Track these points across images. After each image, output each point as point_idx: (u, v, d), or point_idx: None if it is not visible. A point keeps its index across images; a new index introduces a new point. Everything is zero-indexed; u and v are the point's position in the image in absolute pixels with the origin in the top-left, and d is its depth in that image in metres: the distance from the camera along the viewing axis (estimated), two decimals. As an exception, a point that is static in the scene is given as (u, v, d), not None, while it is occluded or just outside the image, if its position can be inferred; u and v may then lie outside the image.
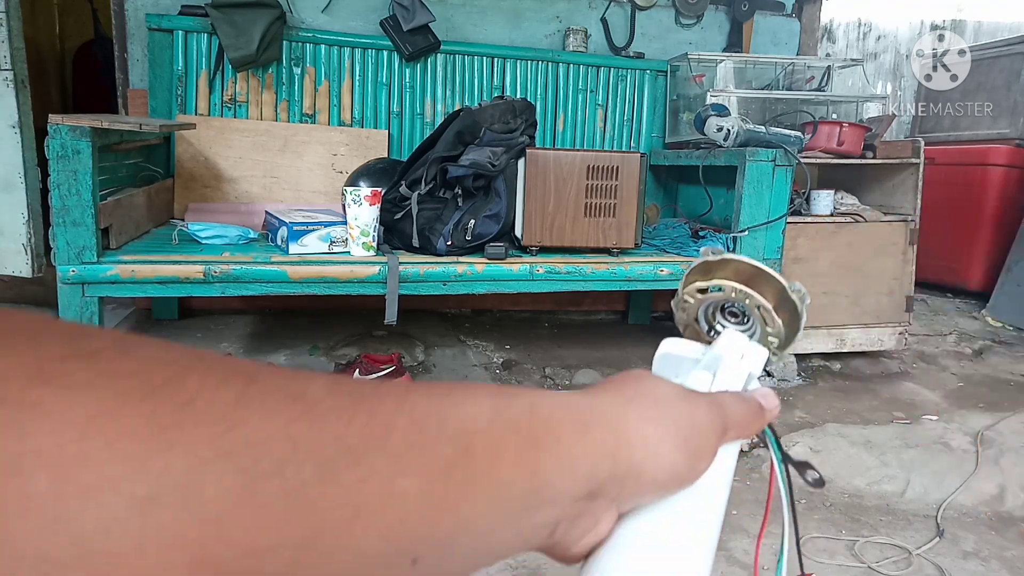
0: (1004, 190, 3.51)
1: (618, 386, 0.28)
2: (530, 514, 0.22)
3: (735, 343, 0.35)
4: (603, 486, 0.25)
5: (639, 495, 0.27)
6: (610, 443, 0.25)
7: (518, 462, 0.22)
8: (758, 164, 2.07)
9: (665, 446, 0.26)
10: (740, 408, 0.31)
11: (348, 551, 0.17)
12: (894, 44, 5.20)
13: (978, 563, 1.46)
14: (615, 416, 0.26)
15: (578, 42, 2.81)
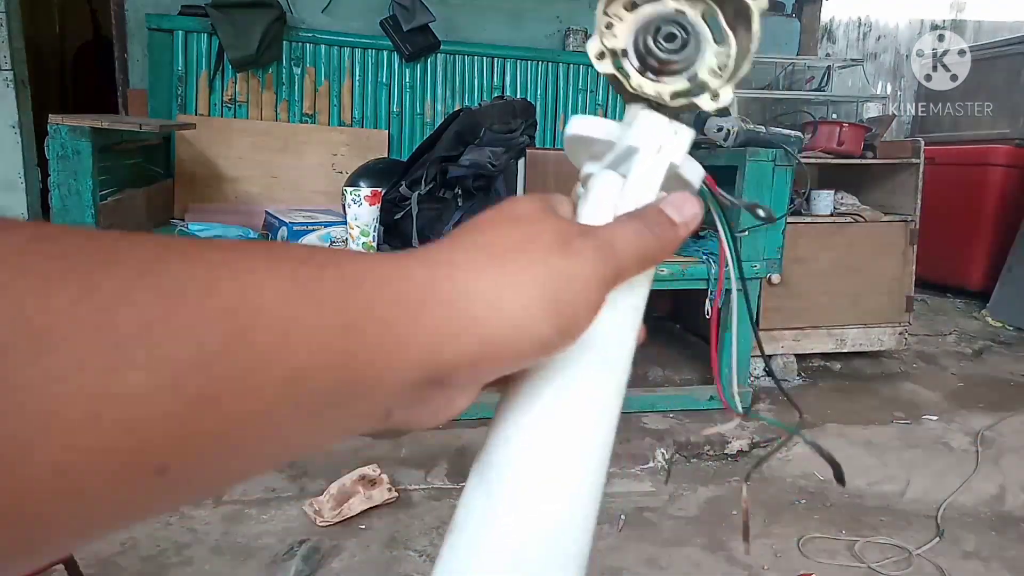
0: (1004, 190, 3.51)
1: (478, 235, 0.24)
2: (341, 407, 0.19)
3: (653, 129, 0.29)
4: (448, 370, 0.21)
5: (500, 370, 0.23)
6: (453, 321, 0.21)
7: (321, 349, 0.18)
8: (758, 164, 2.07)
9: (528, 314, 0.22)
10: (640, 240, 0.26)
11: (37, 467, 0.13)
12: (894, 44, 5.20)
13: (978, 563, 1.46)
14: (462, 286, 0.22)
15: (578, 42, 2.81)
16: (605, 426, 0.27)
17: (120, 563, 1.32)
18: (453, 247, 0.23)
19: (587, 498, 0.27)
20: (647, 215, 0.27)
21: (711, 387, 2.20)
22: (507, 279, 0.22)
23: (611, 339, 0.27)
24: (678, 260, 2.10)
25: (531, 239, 0.24)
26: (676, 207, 0.28)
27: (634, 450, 1.86)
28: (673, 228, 0.27)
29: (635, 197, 0.28)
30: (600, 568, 1.38)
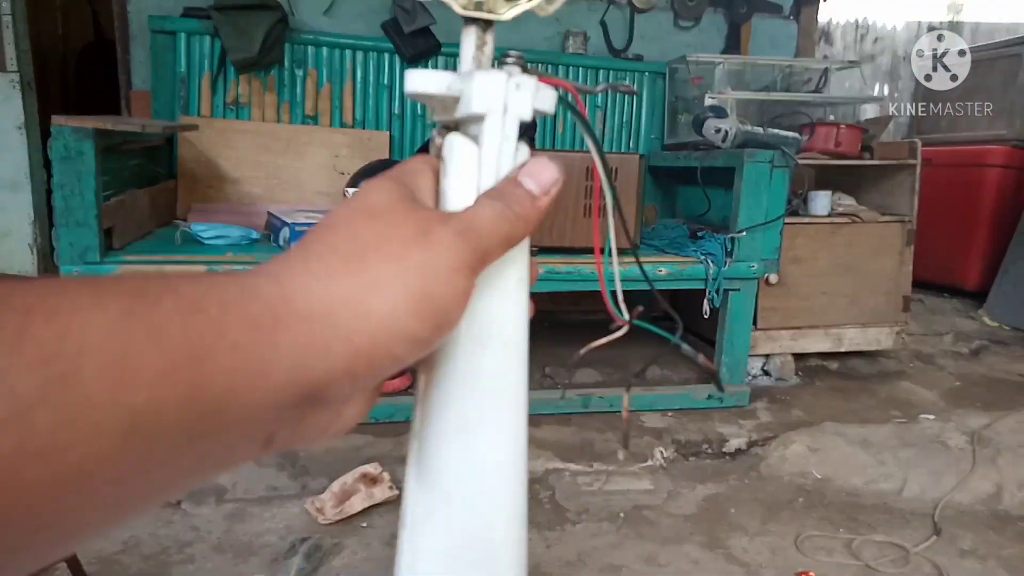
0: (1001, 191, 3.53)
1: (331, 237, 0.23)
2: (205, 441, 0.18)
3: (491, 90, 0.26)
4: (322, 387, 0.20)
5: (381, 376, 0.23)
6: (317, 336, 0.20)
7: (164, 384, 0.17)
8: (756, 165, 2.09)
9: (397, 315, 0.22)
10: (502, 221, 0.25)
11: None
12: (891, 46, 5.22)
13: (975, 561, 1.47)
14: (320, 296, 0.21)
15: (577, 44, 2.82)
16: (515, 404, 0.27)
17: (123, 561, 1.33)
18: (306, 255, 0.22)
19: (512, 480, 0.27)
20: (507, 193, 0.26)
21: (710, 386, 2.21)
22: (369, 281, 0.21)
23: (501, 319, 0.27)
24: (676, 260, 2.11)
25: (388, 235, 0.23)
26: (534, 177, 0.26)
27: (633, 448, 1.87)
28: (533, 202, 0.26)
29: (494, 168, 0.27)
30: (599, 566, 1.39)
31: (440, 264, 0.23)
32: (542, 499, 1.63)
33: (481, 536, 0.27)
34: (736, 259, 2.10)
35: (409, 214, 0.24)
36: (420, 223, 0.23)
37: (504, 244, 0.25)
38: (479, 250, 0.24)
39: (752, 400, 2.20)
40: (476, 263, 0.24)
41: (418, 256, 0.22)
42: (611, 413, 2.04)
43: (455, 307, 0.23)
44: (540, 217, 0.26)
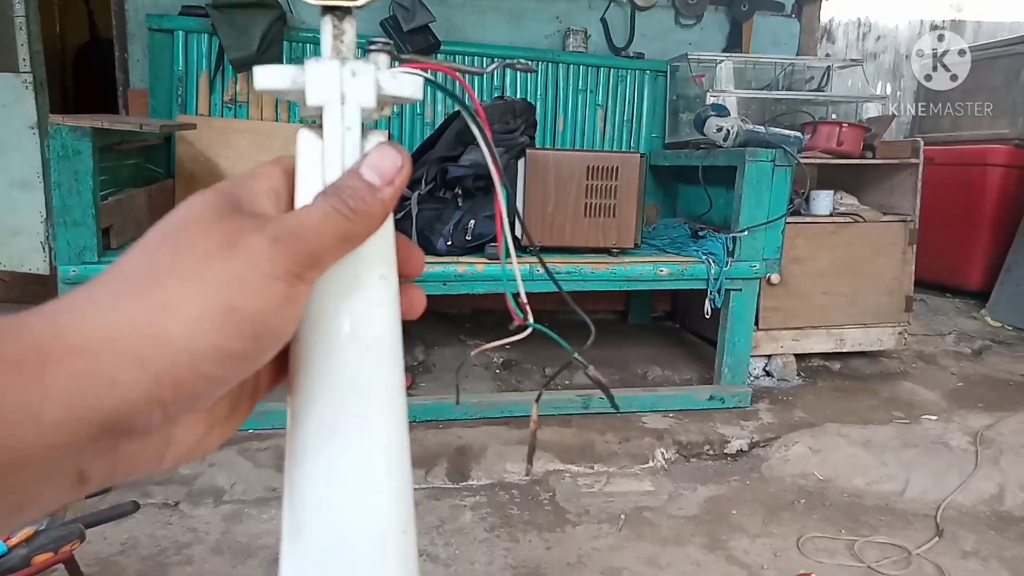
0: (1003, 190, 3.52)
1: (125, 262, 0.22)
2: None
3: (325, 80, 0.25)
4: (119, 418, 0.19)
5: (203, 395, 0.21)
6: (101, 367, 0.19)
7: None
8: (758, 164, 2.07)
9: (199, 333, 0.20)
10: (332, 220, 0.23)
11: None
12: (894, 44, 5.20)
13: (977, 562, 1.47)
14: (102, 326, 0.20)
15: (578, 42, 2.81)
16: (385, 409, 0.26)
17: (120, 562, 1.32)
18: (93, 285, 0.21)
19: (384, 492, 0.26)
20: (343, 187, 0.24)
21: (711, 387, 2.20)
22: (160, 302, 0.20)
23: (361, 319, 0.25)
24: (677, 260, 2.10)
25: (187, 250, 0.21)
26: (374, 167, 0.25)
27: (633, 450, 1.86)
28: (373, 194, 0.24)
29: (338, 161, 0.26)
30: (600, 567, 1.38)
31: (249, 274, 0.21)
32: (542, 500, 1.62)
33: (353, 551, 0.25)
34: (737, 259, 2.09)
35: (215, 225, 0.22)
36: (227, 233, 0.22)
37: (342, 243, 0.24)
38: (303, 253, 0.22)
39: (754, 401, 2.19)
40: (301, 268, 0.22)
41: (220, 268, 0.21)
42: (612, 414, 2.03)
43: (274, 316, 0.22)
44: (385, 209, 0.25)
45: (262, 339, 0.22)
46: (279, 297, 0.22)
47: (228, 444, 1.73)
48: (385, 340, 0.26)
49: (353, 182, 0.25)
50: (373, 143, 0.26)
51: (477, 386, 2.23)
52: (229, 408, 0.26)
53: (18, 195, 2.61)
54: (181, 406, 0.21)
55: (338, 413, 0.25)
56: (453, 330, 2.71)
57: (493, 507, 1.57)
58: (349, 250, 0.24)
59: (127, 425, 0.20)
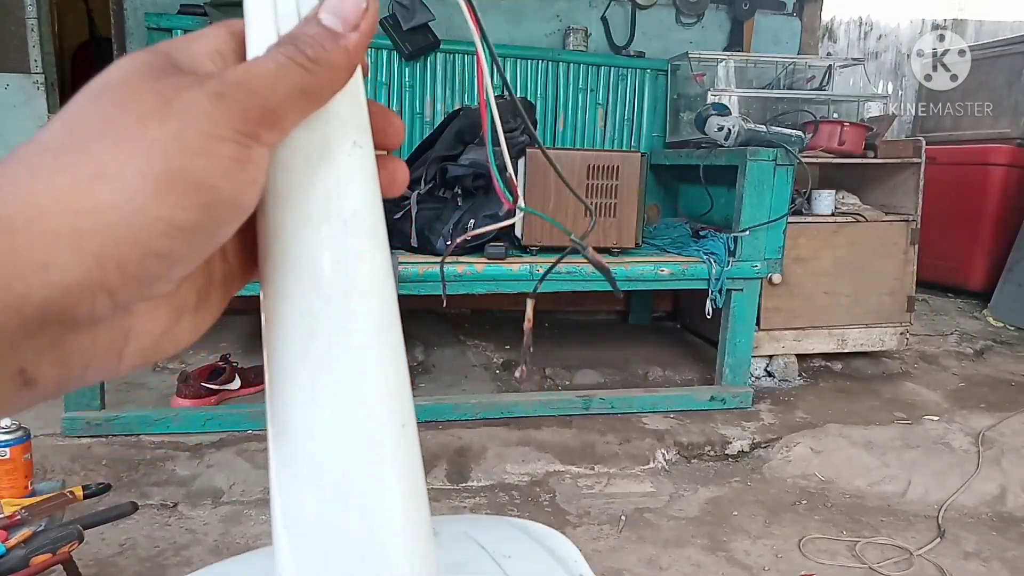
0: (1005, 190, 3.51)
1: (44, 134, 0.19)
2: None
3: None
4: (58, 307, 0.17)
5: (151, 277, 0.19)
6: (27, 250, 0.17)
7: None
8: (759, 164, 2.07)
9: (139, 201, 0.18)
10: (287, 71, 0.21)
11: None
12: (895, 43, 5.19)
13: (979, 564, 1.46)
14: (25, 203, 0.17)
15: (578, 41, 2.80)
16: (376, 304, 0.23)
17: (119, 563, 1.32)
18: (10, 159, 0.18)
19: (387, 413, 0.23)
20: (300, 36, 0.21)
21: (712, 387, 2.19)
22: (91, 171, 0.18)
23: (335, 192, 0.22)
24: (678, 260, 2.09)
25: (118, 113, 0.19)
26: (334, 11, 0.22)
27: (634, 451, 1.86)
28: (335, 40, 0.21)
29: (291, 7, 0.23)
30: (600, 569, 1.38)
31: (190, 133, 0.19)
32: (543, 501, 1.61)
33: (348, 454, 0.22)
34: (739, 259, 2.08)
35: (149, 83, 0.19)
36: (162, 92, 0.19)
37: (302, 99, 0.21)
38: (253, 109, 0.20)
39: (755, 401, 2.18)
40: (252, 125, 0.20)
41: (157, 130, 0.18)
42: (612, 415, 2.03)
43: (226, 179, 0.19)
44: (350, 59, 0.22)
45: (214, 208, 0.19)
46: (227, 159, 0.19)
47: (227, 445, 1.73)
48: (364, 215, 0.23)
49: (311, 29, 0.21)
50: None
51: (476, 387, 2.22)
52: (197, 295, 0.23)
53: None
54: (131, 291, 0.19)
55: (317, 303, 0.22)
56: (452, 330, 2.71)
57: (493, 508, 1.57)
58: (311, 109, 0.21)
59: (68, 315, 0.18)
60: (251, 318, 2.73)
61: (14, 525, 1.05)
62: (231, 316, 2.42)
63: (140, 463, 1.63)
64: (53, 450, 1.64)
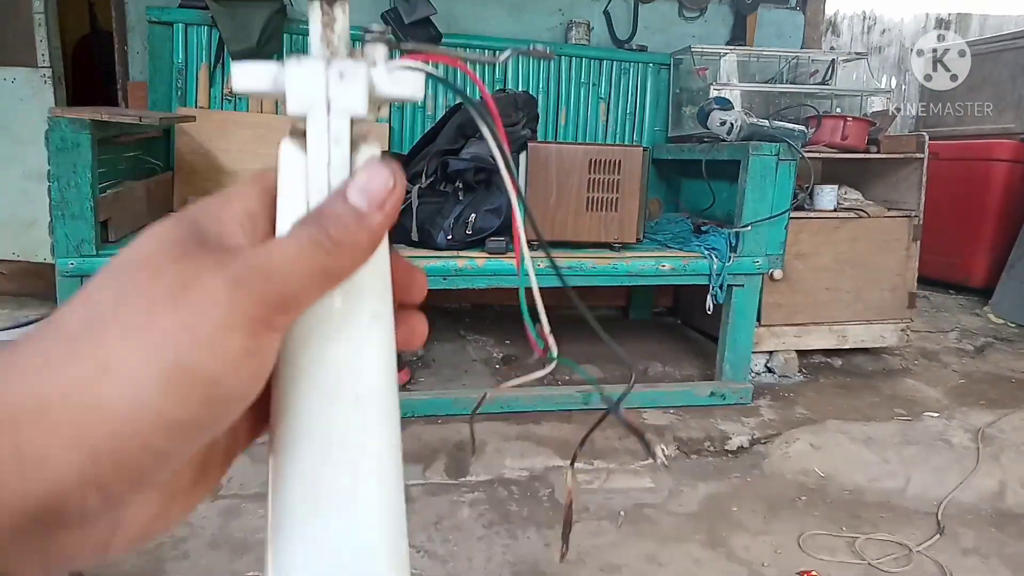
0: (1008, 186, 3.49)
1: (62, 316, 0.19)
2: None
3: (307, 85, 0.22)
4: (51, 504, 0.17)
5: (144, 474, 0.18)
6: (29, 443, 0.16)
7: None
8: (761, 158, 2.06)
9: (142, 396, 0.17)
10: (309, 254, 0.20)
11: None
12: (899, 38, 5.17)
13: (978, 560, 1.46)
14: (31, 394, 0.17)
15: (580, 35, 2.79)
16: (380, 472, 0.23)
17: (118, 558, 1.32)
18: (24, 343, 0.18)
19: (381, 568, 0.23)
20: (325, 214, 0.21)
21: (712, 383, 2.19)
22: (100, 363, 0.17)
23: (348, 368, 0.22)
24: (679, 255, 2.09)
25: (133, 298, 0.18)
26: (362, 189, 0.21)
27: (634, 446, 1.86)
28: (359, 221, 0.21)
29: (323, 179, 0.23)
30: (599, 564, 1.38)
31: (202, 324, 0.18)
32: (541, 497, 1.61)
33: None
34: (740, 254, 2.07)
35: (169, 265, 0.19)
36: (181, 275, 0.19)
37: (321, 280, 0.20)
38: (271, 296, 0.19)
39: (755, 397, 2.18)
40: (267, 313, 0.19)
41: (168, 320, 0.18)
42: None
43: (232, 376, 0.19)
44: (373, 239, 0.21)
45: (217, 403, 0.19)
46: (238, 351, 0.19)
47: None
48: (377, 392, 0.23)
49: (337, 207, 0.21)
50: (364, 157, 0.23)
51: (476, 381, 2.22)
52: (193, 475, 0.22)
53: (34, 187, 2.64)
54: (124, 486, 0.18)
55: (324, 480, 0.22)
56: (453, 325, 2.71)
57: (492, 503, 1.57)
58: (329, 288, 0.21)
59: (59, 514, 0.17)
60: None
61: (14, 518, 1.05)
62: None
63: (141, 456, 1.63)
64: (54, 443, 1.64)
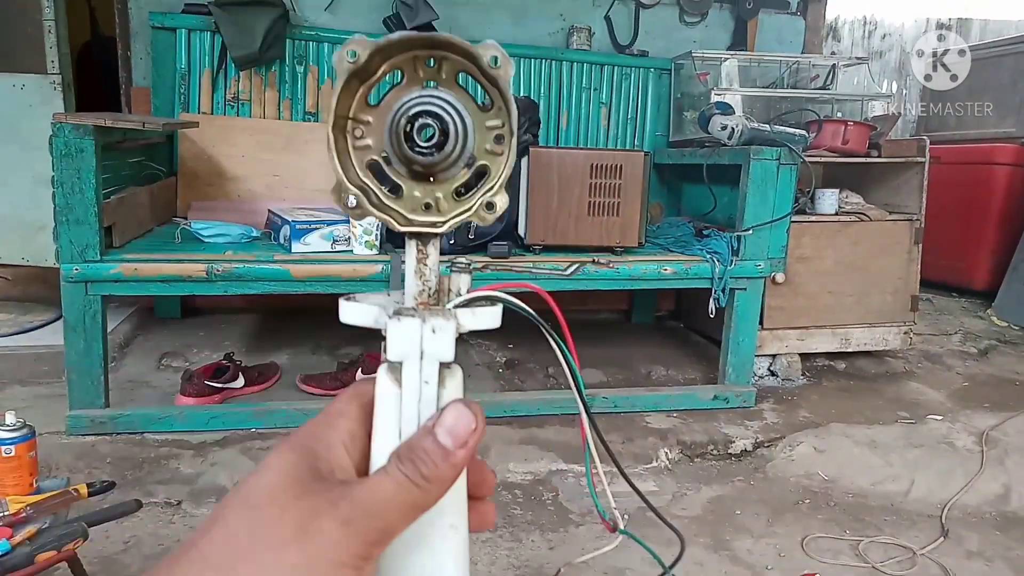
0: (1010, 189, 3.50)
1: (207, 543, 0.23)
2: None
3: (404, 339, 0.26)
4: None
5: None
6: None
7: None
8: (762, 163, 2.06)
9: None
10: (405, 492, 0.24)
11: None
12: (900, 42, 5.18)
13: (982, 563, 1.46)
14: None
15: (582, 40, 2.80)
16: None
17: (123, 561, 1.32)
18: (177, 562, 0.22)
19: None
20: (417, 451, 0.24)
21: (715, 386, 2.19)
22: None
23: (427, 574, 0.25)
24: (681, 259, 2.09)
25: (264, 534, 0.22)
26: (450, 430, 0.25)
27: (637, 449, 1.86)
28: (446, 459, 0.24)
29: (414, 413, 0.26)
30: (603, 567, 1.38)
31: (321, 563, 0.22)
32: (545, 500, 1.61)
33: None
34: (742, 258, 2.07)
35: (291, 504, 0.23)
36: (301, 517, 0.22)
37: (413, 512, 0.24)
38: (374, 532, 0.23)
39: (758, 401, 2.18)
40: (369, 547, 0.23)
41: (294, 558, 0.22)
42: (615, 414, 2.03)
43: None
44: (456, 473, 0.25)
45: None
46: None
47: (230, 443, 1.73)
48: None
49: (427, 444, 0.24)
50: (449, 396, 0.26)
51: (480, 385, 2.22)
52: None
53: (43, 192, 2.65)
54: None
55: None
56: (456, 329, 2.70)
57: (496, 507, 1.57)
58: (418, 516, 0.24)
59: None
60: (255, 316, 2.74)
61: (19, 522, 1.05)
62: (235, 315, 2.42)
63: (144, 461, 1.64)
64: (58, 448, 1.64)
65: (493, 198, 0.26)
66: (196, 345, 2.38)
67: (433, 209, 0.26)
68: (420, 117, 0.25)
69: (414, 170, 0.26)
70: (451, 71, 0.25)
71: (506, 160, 0.26)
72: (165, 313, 2.65)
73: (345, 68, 0.24)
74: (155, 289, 1.74)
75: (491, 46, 0.24)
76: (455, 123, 0.25)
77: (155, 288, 1.73)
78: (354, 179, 0.26)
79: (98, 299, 1.69)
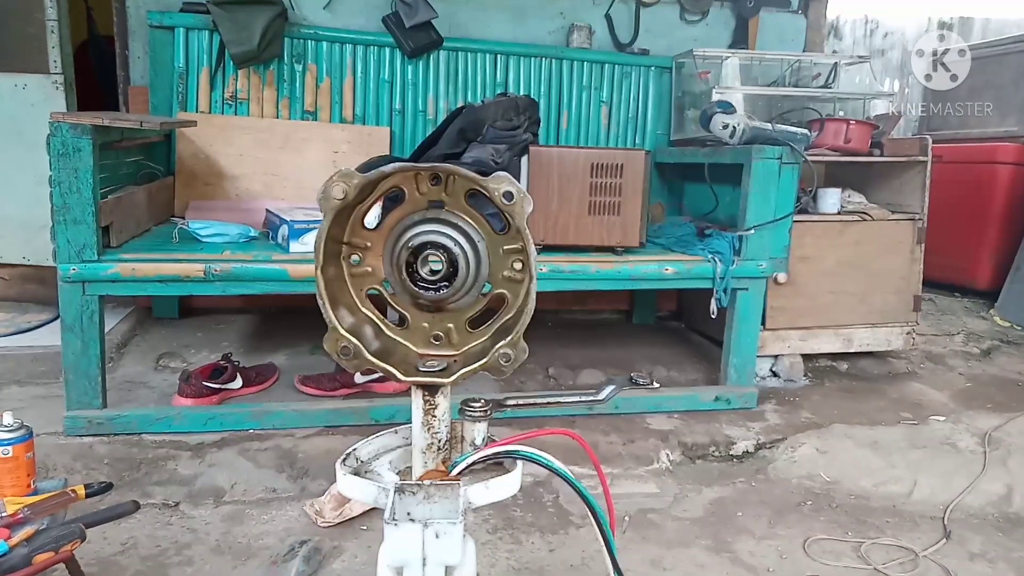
0: (1012, 188, 3.48)
1: None
2: None
3: (406, 547, 0.24)
4: None
5: None
6: None
7: None
8: (764, 162, 2.05)
9: None
10: None
11: None
12: (901, 41, 5.17)
13: (985, 565, 1.45)
14: None
15: (582, 39, 2.79)
16: None
17: (121, 562, 1.31)
18: None
19: None
20: None
21: (716, 387, 2.18)
22: None
23: None
24: (683, 259, 2.08)
25: None
26: None
27: (638, 451, 1.85)
28: None
29: None
30: (603, 570, 1.36)
31: None
32: (546, 502, 1.60)
33: None
34: (744, 258, 2.06)
35: None
36: None
37: None
38: None
39: (760, 402, 2.17)
40: None
41: None
42: (616, 415, 2.01)
43: None
44: None
45: None
46: None
47: (228, 444, 1.72)
48: None
49: None
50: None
51: (479, 387, 2.21)
52: None
53: (46, 192, 2.65)
54: None
55: None
56: (456, 329, 2.70)
57: (495, 509, 1.56)
58: None
59: None
60: (253, 317, 2.73)
61: (16, 523, 1.05)
62: (233, 315, 2.41)
63: (142, 462, 1.63)
64: (55, 449, 1.63)
65: (509, 349, 0.25)
66: (194, 345, 2.37)
67: (444, 342, 0.25)
68: (425, 248, 0.22)
69: (420, 304, 0.24)
70: (460, 189, 0.23)
71: (526, 288, 0.25)
72: (163, 313, 2.64)
73: (332, 207, 0.23)
74: (153, 289, 1.73)
75: (504, 179, 0.22)
76: (465, 254, 0.23)
77: (153, 288, 1.72)
78: (354, 309, 0.24)
79: (95, 299, 1.68)
